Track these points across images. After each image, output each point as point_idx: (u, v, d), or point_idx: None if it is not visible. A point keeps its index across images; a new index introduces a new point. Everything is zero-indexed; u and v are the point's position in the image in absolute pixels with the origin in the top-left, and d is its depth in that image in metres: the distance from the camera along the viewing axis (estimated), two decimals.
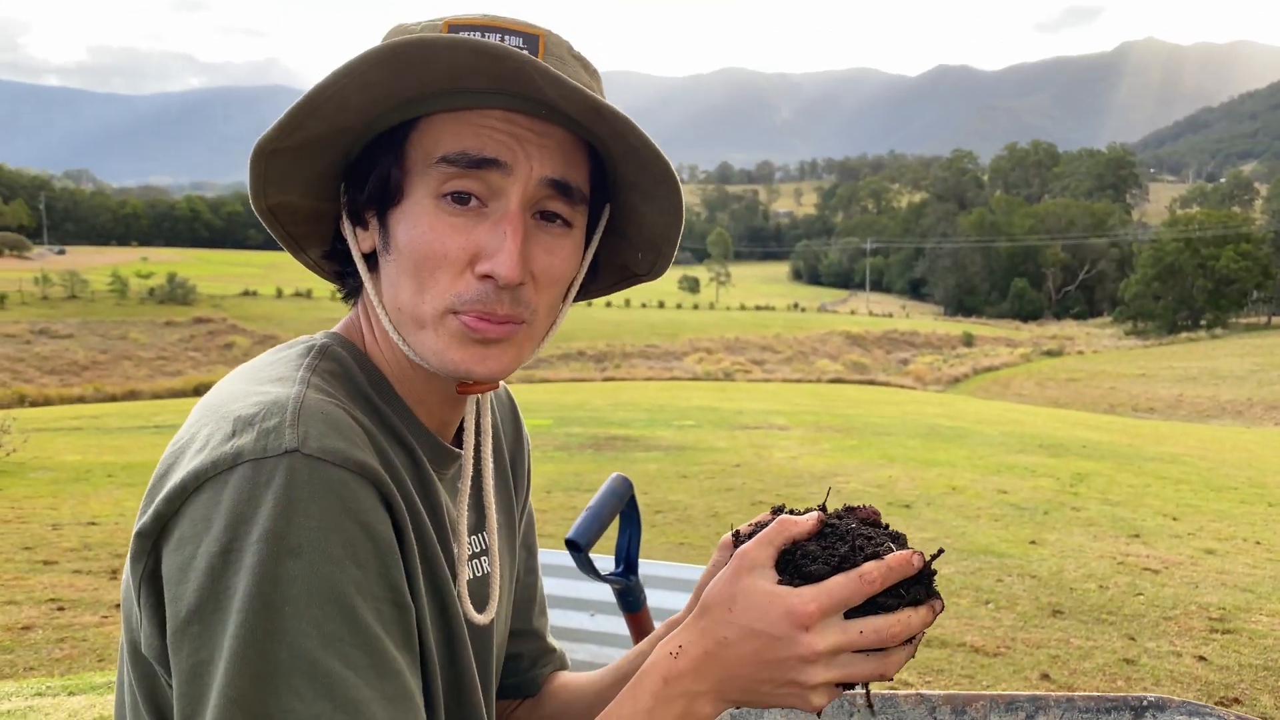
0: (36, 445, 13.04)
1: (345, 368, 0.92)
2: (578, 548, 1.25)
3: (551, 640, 1.26)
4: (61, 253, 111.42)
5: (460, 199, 0.85)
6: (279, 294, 69.69)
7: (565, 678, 1.24)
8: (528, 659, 1.22)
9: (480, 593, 1.04)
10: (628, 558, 1.33)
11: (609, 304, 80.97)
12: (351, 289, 0.98)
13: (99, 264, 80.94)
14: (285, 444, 0.76)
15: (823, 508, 0.88)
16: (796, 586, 0.78)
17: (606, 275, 1.05)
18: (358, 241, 0.93)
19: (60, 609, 5.91)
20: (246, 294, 69.28)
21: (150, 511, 0.78)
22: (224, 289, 69.76)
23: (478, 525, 1.06)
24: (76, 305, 58.79)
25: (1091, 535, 8.08)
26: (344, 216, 0.94)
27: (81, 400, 32.74)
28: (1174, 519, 8.92)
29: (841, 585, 0.77)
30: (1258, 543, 8.00)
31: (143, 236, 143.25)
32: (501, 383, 1.13)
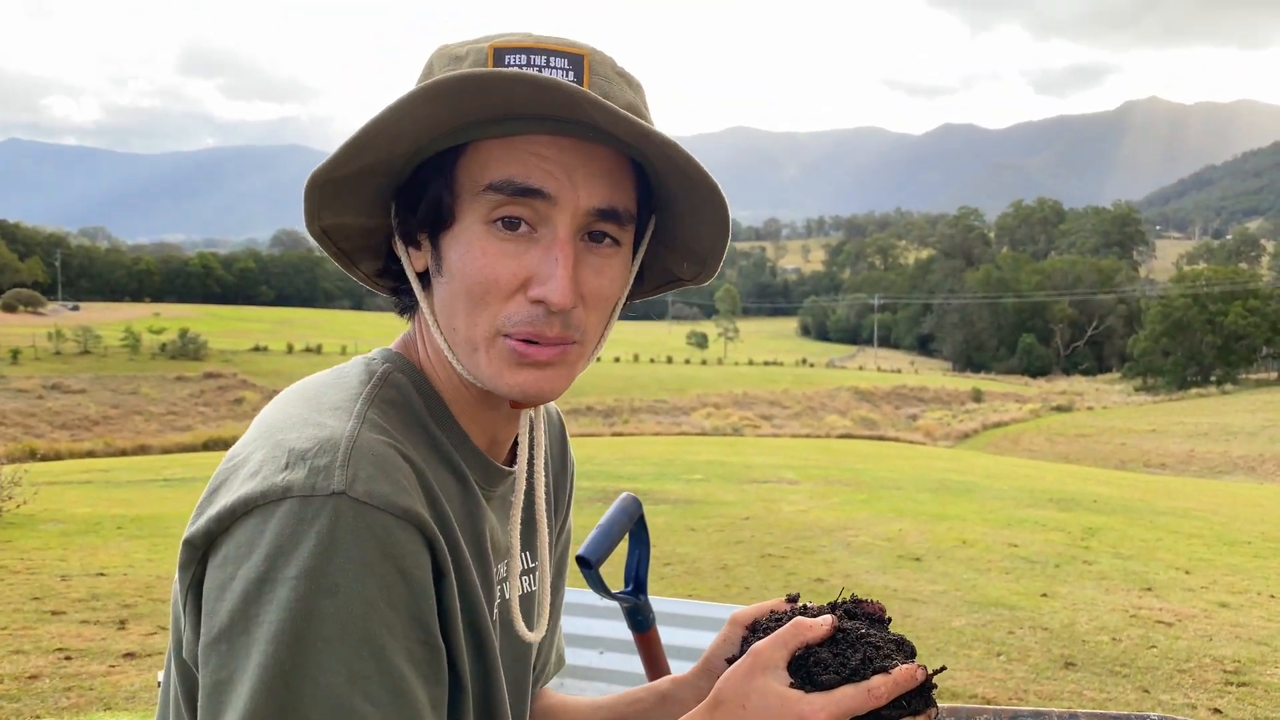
0: (46, 498, 13.06)
1: (404, 395, 0.94)
2: (588, 564, 1.28)
3: (560, 645, 1.27)
4: (76, 309, 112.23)
5: (510, 224, 0.87)
6: (289, 349, 69.98)
7: (554, 701, 1.24)
8: (535, 668, 1.23)
9: (529, 609, 1.06)
10: (637, 577, 1.36)
11: (617, 359, 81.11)
12: (407, 305, 1.01)
13: (112, 320, 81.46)
14: (334, 485, 0.78)
15: (834, 605, 0.93)
16: (808, 693, 0.82)
17: (652, 280, 1.07)
18: (411, 261, 0.95)
19: (68, 658, 5.89)
20: (257, 349, 69.56)
21: (200, 525, 0.81)
22: (235, 344, 70.09)
23: (529, 542, 1.07)
24: (89, 360, 59.06)
25: (1104, 588, 8.01)
26: (396, 237, 0.96)
27: (91, 454, 32.80)
28: (1187, 572, 8.84)
29: (850, 697, 0.81)
30: (1272, 596, 7.92)
31: (156, 293, 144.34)
32: (552, 403, 1.15)
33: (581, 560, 1.29)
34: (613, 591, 1.33)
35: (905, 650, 0.87)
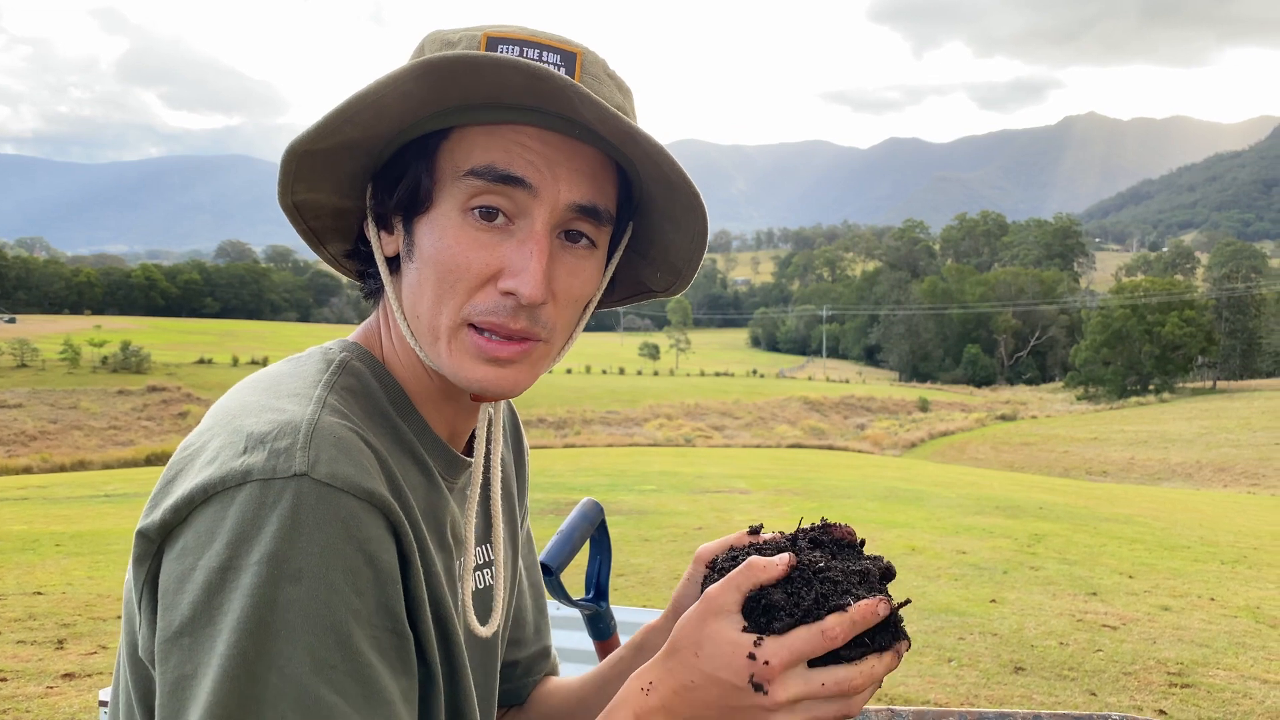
0: None
1: (364, 383, 0.92)
2: (549, 571, 1.26)
3: (549, 643, 1.26)
4: (12, 321, 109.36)
5: (488, 214, 0.85)
6: (235, 362, 68.85)
7: (551, 685, 1.23)
8: (523, 666, 1.22)
9: (484, 604, 1.04)
10: (598, 583, 1.34)
11: (569, 371, 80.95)
12: (372, 289, 0.98)
13: (51, 332, 79.55)
14: (295, 467, 0.76)
15: (795, 537, 0.90)
16: (761, 636, 0.78)
17: (623, 289, 1.05)
18: (381, 245, 0.93)
19: (3, 680, 5.71)
20: (202, 362, 68.39)
21: (157, 516, 0.78)
22: (179, 357, 68.83)
23: (484, 536, 1.06)
24: (26, 374, 57.61)
25: (1050, 594, 8.13)
26: (369, 219, 0.94)
27: (28, 470, 31.93)
28: (1130, 577, 9.01)
29: (804, 640, 0.77)
30: (1212, 599, 8.09)
31: (97, 305, 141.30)
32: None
33: (542, 567, 1.27)
34: (574, 599, 1.31)
35: (870, 581, 0.82)
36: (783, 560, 0.82)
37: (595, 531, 1.35)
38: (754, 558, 0.83)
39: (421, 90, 0.82)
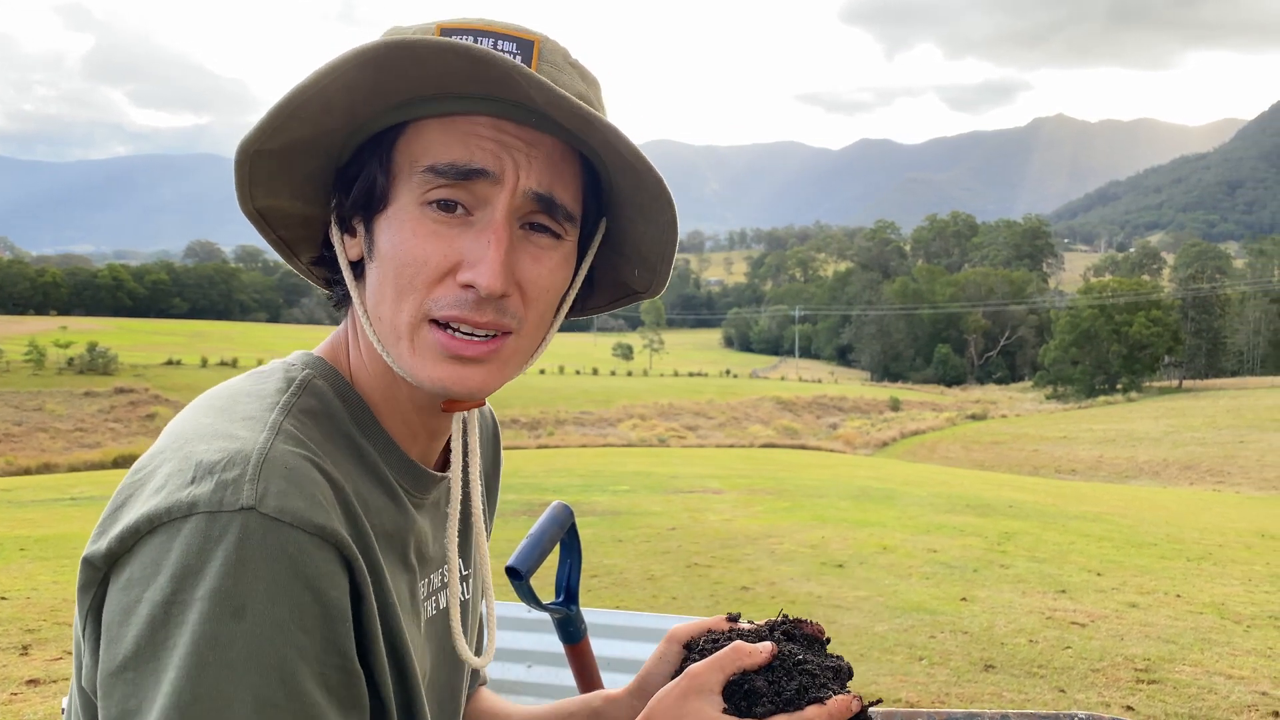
0: None
1: (325, 403, 0.89)
2: (518, 575, 1.25)
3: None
4: None
5: (446, 206, 0.83)
6: (204, 363, 68.11)
7: (486, 703, 1.21)
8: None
9: (468, 616, 1.04)
10: (568, 587, 1.33)
11: (542, 371, 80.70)
12: (340, 297, 0.96)
13: (15, 333, 78.30)
14: (242, 500, 0.74)
15: (773, 626, 0.93)
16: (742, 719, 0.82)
17: (604, 292, 1.03)
18: (345, 249, 0.91)
19: None
20: (170, 363, 67.57)
21: (103, 545, 0.76)
22: (147, 358, 67.97)
23: (462, 549, 1.04)
24: None
25: (1020, 591, 8.21)
26: (333, 222, 0.91)
27: None
28: (1098, 574, 9.10)
29: None
30: (1178, 595, 8.20)
31: (62, 305, 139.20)
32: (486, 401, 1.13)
33: (511, 571, 1.26)
34: (543, 603, 1.31)
35: (842, 678, 0.87)
36: (766, 648, 0.85)
37: (565, 535, 1.34)
38: (740, 642, 0.86)
39: (366, 79, 0.79)
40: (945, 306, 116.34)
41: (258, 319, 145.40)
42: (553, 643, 2.35)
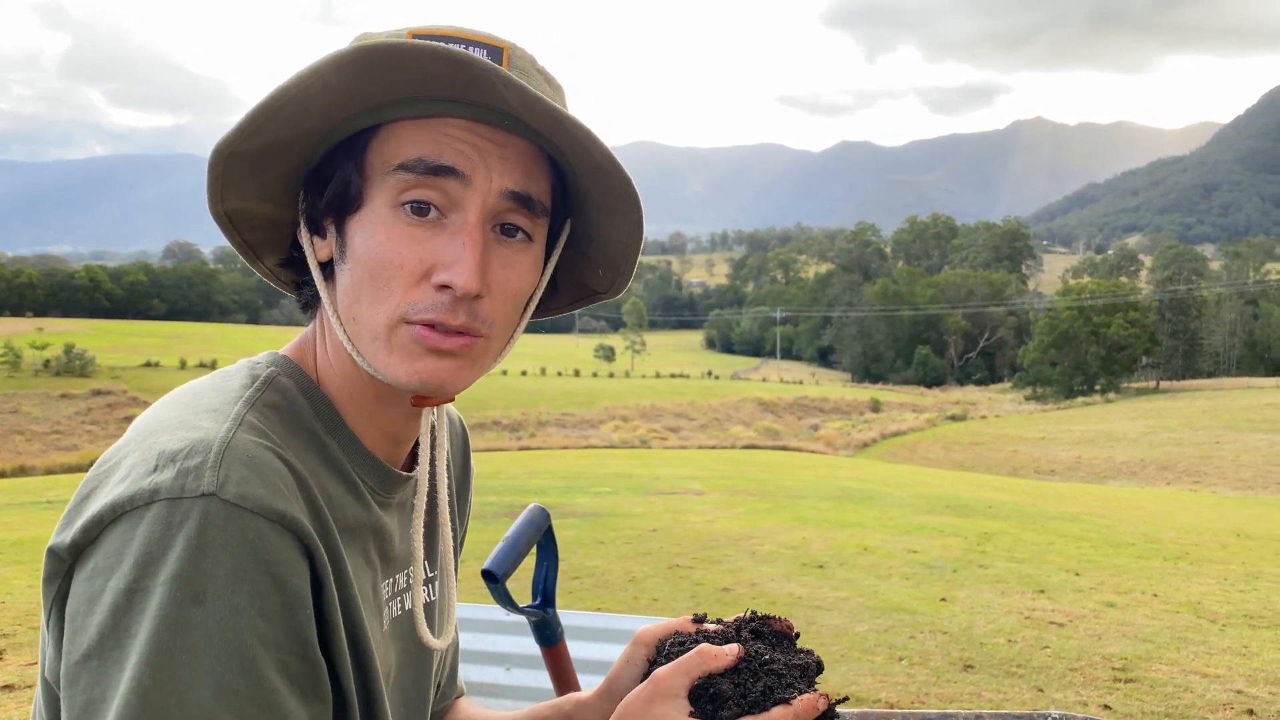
0: None
1: (289, 399, 0.89)
2: (494, 578, 1.24)
3: (457, 665, 1.25)
4: None
5: (419, 209, 0.83)
6: (182, 365, 67.54)
7: (463, 714, 1.21)
8: (441, 691, 1.20)
9: (433, 617, 1.04)
10: (545, 589, 1.33)
11: (524, 373, 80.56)
12: (308, 299, 0.96)
13: None
14: (203, 486, 0.74)
15: (740, 623, 0.93)
16: None
17: (567, 293, 1.05)
18: (314, 250, 0.91)
19: None
20: (148, 365, 66.99)
21: (67, 536, 0.76)
22: (125, 360, 67.38)
23: (429, 550, 1.05)
24: None
25: (999, 592, 8.25)
26: (302, 224, 0.92)
27: None
28: (1076, 574, 9.16)
29: None
30: (1155, 595, 8.26)
31: (39, 306, 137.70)
32: (453, 407, 1.13)
33: (487, 574, 1.26)
34: (520, 605, 1.30)
35: (810, 675, 0.87)
36: (732, 650, 0.86)
37: (542, 538, 1.34)
38: (706, 645, 0.86)
39: (345, 82, 0.80)
40: (925, 308, 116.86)
41: (237, 320, 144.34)
42: (531, 645, 2.34)
